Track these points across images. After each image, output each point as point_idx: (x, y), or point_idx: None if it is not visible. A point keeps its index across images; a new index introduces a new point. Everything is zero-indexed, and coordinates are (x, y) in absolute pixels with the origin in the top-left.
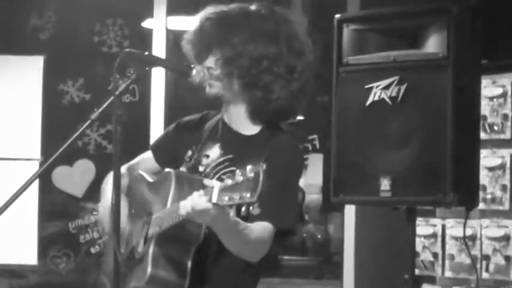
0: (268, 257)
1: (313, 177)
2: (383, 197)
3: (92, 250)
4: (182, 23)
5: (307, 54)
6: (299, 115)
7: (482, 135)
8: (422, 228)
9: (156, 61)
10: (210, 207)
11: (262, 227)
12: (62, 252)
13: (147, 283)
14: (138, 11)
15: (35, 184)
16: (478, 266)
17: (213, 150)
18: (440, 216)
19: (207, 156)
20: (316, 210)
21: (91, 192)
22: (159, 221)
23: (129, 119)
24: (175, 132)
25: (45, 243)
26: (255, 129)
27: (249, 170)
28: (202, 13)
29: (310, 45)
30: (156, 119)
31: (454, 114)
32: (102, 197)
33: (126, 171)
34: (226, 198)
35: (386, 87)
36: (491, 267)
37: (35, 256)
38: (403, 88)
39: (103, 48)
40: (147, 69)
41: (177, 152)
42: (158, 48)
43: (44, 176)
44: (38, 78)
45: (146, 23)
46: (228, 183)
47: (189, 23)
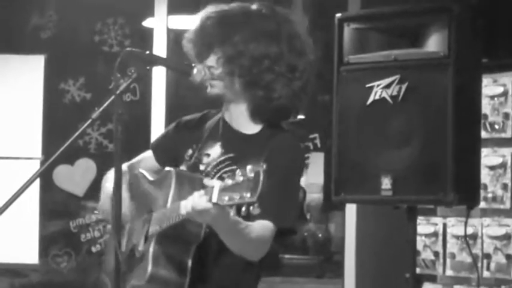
0: (269, 256)
1: (314, 176)
2: (384, 195)
3: (93, 249)
4: (183, 22)
5: (308, 53)
6: (300, 114)
7: (483, 134)
8: (423, 227)
9: (157, 60)
10: (210, 207)
11: (262, 226)
12: (63, 251)
13: (147, 282)
14: (139, 10)
15: (36, 183)
16: (479, 264)
17: (214, 149)
18: (441, 215)
19: (208, 155)
20: (317, 209)
21: (92, 191)
22: (159, 219)
23: (130, 118)
24: (176, 131)
25: (46, 242)
26: (255, 129)
27: (249, 170)
28: (203, 12)
29: (311, 44)
30: (157, 118)
31: (455, 113)
32: (102, 186)
33: (127, 169)
34: (226, 198)
35: (387, 86)
36: (492, 266)
37: (36, 255)
38: (404, 87)
39: (104, 48)
40: (148, 68)
41: (177, 151)
42: (159, 47)
43: (45, 175)
44: (39, 78)
45: (147, 22)
46: (228, 183)
47: (190, 22)
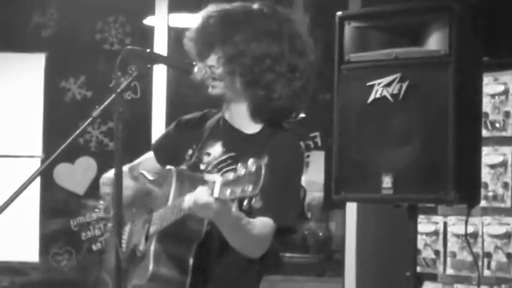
0: (269, 254)
1: (314, 174)
2: (385, 194)
3: (94, 247)
4: (184, 21)
5: (309, 53)
6: (301, 113)
7: (484, 133)
8: (424, 225)
9: (158, 58)
10: (212, 201)
11: (263, 223)
12: (63, 249)
13: (148, 280)
14: (139, 8)
15: (37, 181)
16: (479, 263)
17: (215, 148)
18: (442, 214)
19: (208, 154)
20: (318, 208)
21: (92, 189)
22: (160, 218)
23: (131, 116)
24: (176, 130)
25: (47, 241)
26: (256, 128)
27: (251, 163)
28: (205, 11)
29: (311, 44)
30: (158, 116)
31: (456, 111)
32: (101, 186)
33: (128, 170)
34: (228, 192)
35: (388, 85)
36: (493, 265)
37: (36, 253)
38: (405, 85)
39: (105, 46)
40: (149, 66)
41: (177, 150)
42: (160, 46)
43: (45, 173)
44: (39, 76)
45: (148, 21)
46: (230, 177)
47: (191, 21)
